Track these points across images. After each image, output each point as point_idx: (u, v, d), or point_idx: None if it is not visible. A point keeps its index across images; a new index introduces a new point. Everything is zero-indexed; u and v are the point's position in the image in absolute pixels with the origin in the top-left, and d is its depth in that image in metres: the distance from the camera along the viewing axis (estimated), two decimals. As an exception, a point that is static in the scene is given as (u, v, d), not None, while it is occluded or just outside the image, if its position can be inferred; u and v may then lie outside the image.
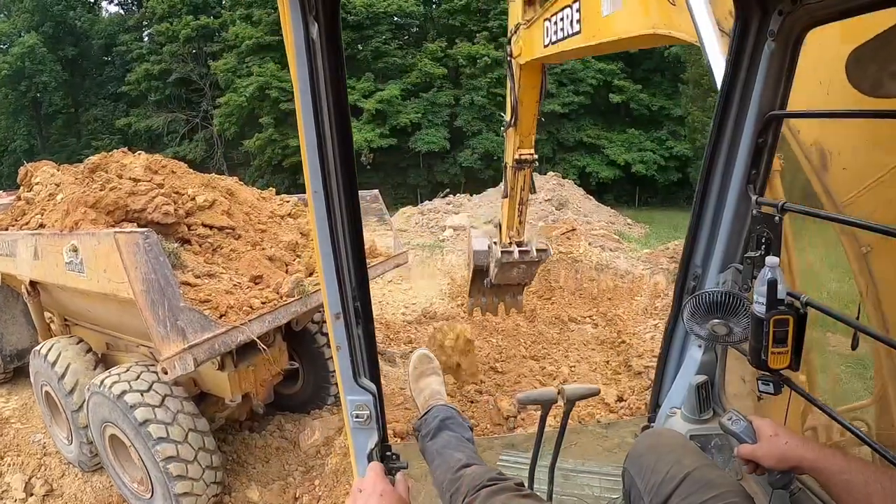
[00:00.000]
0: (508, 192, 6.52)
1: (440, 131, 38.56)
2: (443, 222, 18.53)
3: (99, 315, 5.41)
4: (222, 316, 4.27)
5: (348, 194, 1.96)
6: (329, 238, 1.90)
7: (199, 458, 4.64)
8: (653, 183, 38.87)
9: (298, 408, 6.64)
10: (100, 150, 5.81)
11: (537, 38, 5.03)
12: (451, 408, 2.78)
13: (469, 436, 2.65)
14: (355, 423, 2.11)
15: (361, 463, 2.16)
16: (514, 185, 6.42)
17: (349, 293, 2.00)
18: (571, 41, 4.32)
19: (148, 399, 4.56)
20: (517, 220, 6.65)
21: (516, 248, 6.62)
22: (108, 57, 50.31)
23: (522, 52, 5.42)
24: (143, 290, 3.91)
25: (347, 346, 2.02)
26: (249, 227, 5.81)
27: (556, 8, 4.51)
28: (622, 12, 3.58)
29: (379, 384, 2.14)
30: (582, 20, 4.11)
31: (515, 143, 6.14)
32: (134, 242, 3.92)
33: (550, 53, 4.82)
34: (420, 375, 3.06)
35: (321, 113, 1.78)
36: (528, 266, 6.84)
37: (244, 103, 39.16)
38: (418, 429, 2.73)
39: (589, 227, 17.50)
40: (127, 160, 5.87)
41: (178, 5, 44.84)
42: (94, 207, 4.85)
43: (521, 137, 6.10)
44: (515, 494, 1.99)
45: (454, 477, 2.22)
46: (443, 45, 39.94)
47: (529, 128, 6.08)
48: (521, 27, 5.36)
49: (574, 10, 4.18)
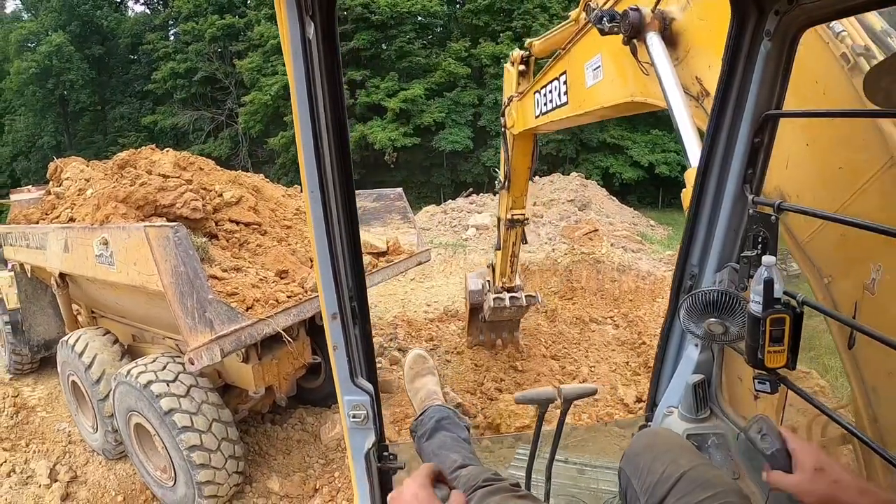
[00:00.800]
0: (501, 245, 7.00)
1: (464, 131, 38.41)
2: (466, 221, 18.51)
3: (126, 307, 5.52)
4: (249, 308, 4.35)
5: (345, 195, 1.96)
6: (326, 238, 1.88)
7: (222, 448, 4.73)
8: (676, 184, 38.31)
9: (320, 402, 6.71)
10: (126, 147, 5.89)
11: (529, 109, 5.33)
12: (447, 408, 2.79)
13: (465, 436, 2.66)
14: (352, 423, 2.10)
15: (359, 463, 2.14)
16: (507, 240, 6.90)
17: (346, 293, 1.99)
18: (560, 111, 4.56)
19: (174, 389, 4.66)
20: (509, 269, 7.22)
21: (507, 295, 7.26)
22: (135, 55, 50.68)
23: (516, 123, 5.78)
24: (173, 282, 4.00)
25: (344, 346, 2.02)
26: (275, 224, 5.90)
27: (545, 80, 4.78)
28: (604, 82, 3.74)
29: (376, 384, 2.14)
30: (569, 91, 4.33)
31: (508, 204, 6.59)
32: (164, 236, 4.01)
33: (541, 123, 5.10)
34: (416, 376, 3.07)
35: (317, 113, 1.78)
36: (518, 308, 7.39)
37: (269, 102, 39.32)
38: (414, 429, 2.73)
39: (611, 227, 17.44)
40: (156, 157, 6.00)
41: (204, 5, 45.02)
42: (125, 202, 4.96)
43: (514, 199, 6.56)
44: (511, 495, 1.99)
45: (450, 477, 2.19)
46: (466, 45, 39.79)
47: (521, 190, 6.53)
48: (515, 99, 5.72)
49: (561, 83, 4.42)
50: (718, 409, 2.33)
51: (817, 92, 2.30)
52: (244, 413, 5.84)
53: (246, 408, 5.78)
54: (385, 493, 2.21)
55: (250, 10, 44.83)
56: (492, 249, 7.65)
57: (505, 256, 7.06)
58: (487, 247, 15.47)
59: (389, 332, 9.34)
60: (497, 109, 24.61)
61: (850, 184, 2.20)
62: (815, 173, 2.35)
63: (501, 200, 6.74)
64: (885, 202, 2.12)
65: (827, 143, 2.32)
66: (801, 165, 2.36)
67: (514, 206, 6.60)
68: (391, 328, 9.55)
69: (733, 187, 2.14)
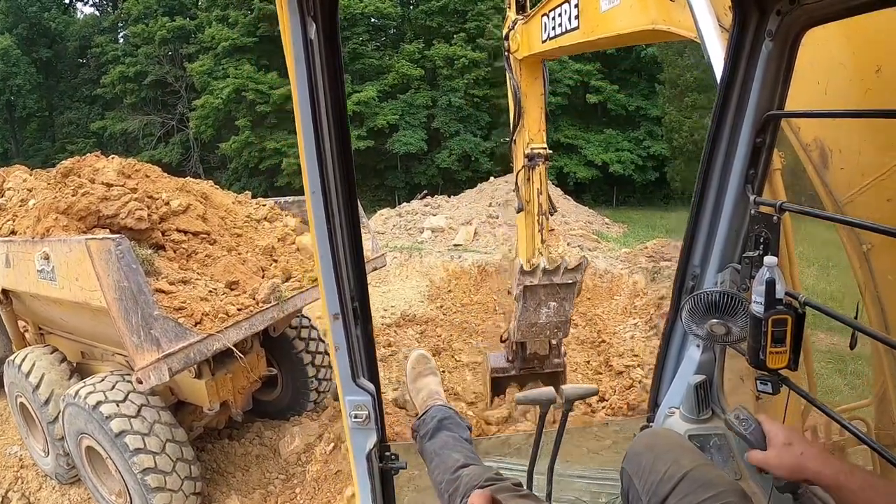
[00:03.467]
0: (524, 204, 5.62)
1: (417, 133, 38.38)
2: (421, 224, 18.53)
3: (73, 324, 5.32)
4: (197, 324, 4.21)
5: (346, 195, 1.98)
6: (328, 239, 1.89)
7: (178, 469, 4.58)
8: (630, 182, 38.96)
9: (278, 414, 6.58)
10: (75, 153, 5.74)
11: (535, 33, 4.96)
12: (449, 408, 2.79)
13: (467, 436, 2.66)
14: (354, 423, 2.11)
15: (360, 464, 2.16)
16: (530, 191, 5.56)
17: (348, 294, 2.01)
18: (570, 36, 4.28)
19: (124, 409, 4.49)
20: (539, 236, 5.59)
21: (542, 263, 5.44)
22: (83, 59, 49.48)
23: (521, 47, 5.28)
24: (116, 297, 3.84)
25: (346, 346, 2.03)
26: (225, 232, 5.73)
27: (554, 3, 4.46)
28: (621, 7, 3.56)
29: (378, 384, 2.15)
30: (580, 15, 4.08)
31: (525, 140, 5.53)
32: (106, 249, 3.85)
33: (548, 49, 4.77)
34: (418, 376, 3.06)
35: (319, 113, 1.78)
36: (567, 293, 5.54)
37: (220, 105, 38.74)
38: (416, 429, 2.73)
39: (567, 227, 17.59)
40: (100, 164, 5.78)
41: (154, 6, 44.24)
42: (66, 213, 4.77)
43: (531, 133, 5.53)
44: (513, 494, 1.99)
45: (452, 477, 2.23)
46: (420, 47, 39.78)
47: (537, 120, 5.54)
48: (519, 23, 5.26)
49: (572, 6, 4.16)
50: (720, 410, 2.36)
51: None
52: (199, 430, 5.68)
53: (201, 425, 5.63)
54: (386, 492, 2.28)
55: (201, 12, 44.19)
56: (448, 253, 7.11)
57: (531, 217, 5.59)
58: (444, 249, 15.45)
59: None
60: (451, 111, 24.45)
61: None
62: (868, 129, 2.31)
63: (518, 143, 5.61)
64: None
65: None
66: (847, 120, 2.32)
67: (532, 141, 5.48)
68: (348, 335, 9.37)
69: (735, 188, 2.16)
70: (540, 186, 5.51)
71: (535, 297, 5.52)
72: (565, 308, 5.62)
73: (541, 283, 5.44)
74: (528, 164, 5.50)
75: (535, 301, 5.53)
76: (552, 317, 5.63)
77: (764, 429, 1.76)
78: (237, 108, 38.35)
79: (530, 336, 5.77)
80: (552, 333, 5.79)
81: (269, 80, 37.83)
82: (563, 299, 5.58)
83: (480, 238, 17.06)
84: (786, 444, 1.69)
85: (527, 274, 5.41)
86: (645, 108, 38.29)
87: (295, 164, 36.79)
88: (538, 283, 5.44)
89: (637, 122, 38.93)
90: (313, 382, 6.39)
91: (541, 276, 5.40)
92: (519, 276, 5.43)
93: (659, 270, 12.12)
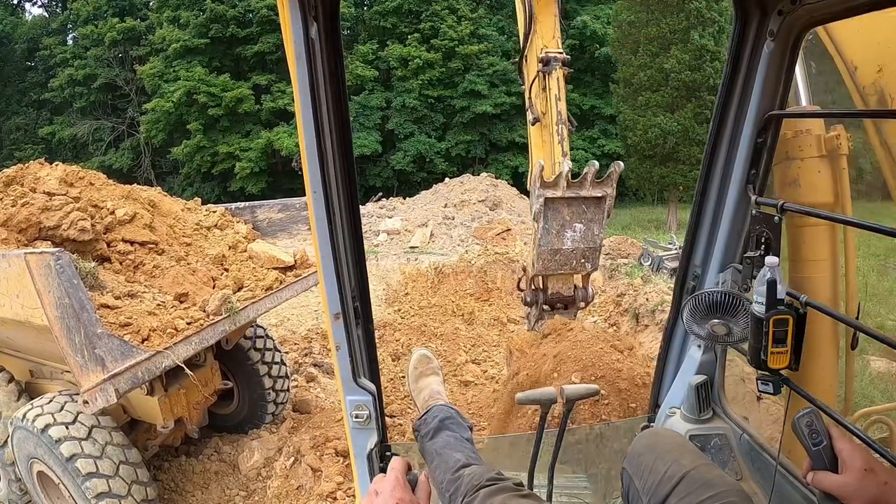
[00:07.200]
0: (539, 115, 5.15)
1: (372, 135, 38.22)
2: (376, 227, 18.56)
3: (18, 342, 5.08)
4: (145, 340, 4.07)
5: (348, 195, 2.01)
6: (328, 238, 1.90)
7: (133, 492, 4.43)
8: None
9: (235, 428, 6.43)
10: (23, 161, 5.50)
11: None
12: (450, 407, 2.77)
13: (468, 435, 2.64)
14: (355, 423, 2.14)
15: (361, 463, 2.18)
16: (546, 101, 5.10)
17: (348, 293, 2.03)
18: None
19: (73, 432, 4.32)
20: (560, 148, 5.06)
21: (566, 169, 4.83)
22: (31, 62, 48.10)
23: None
24: (58, 315, 3.68)
25: (347, 346, 2.05)
26: (173, 241, 5.57)
27: None
28: None
29: (379, 384, 2.18)
30: None
31: (539, 46, 5.10)
32: (45, 264, 3.66)
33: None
34: (420, 375, 3.04)
35: (320, 113, 1.79)
36: (589, 220, 4.96)
37: (172, 109, 38.02)
38: (418, 428, 2.70)
39: (524, 226, 17.62)
40: (43, 172, 5.56)
41: (104, 7, 43.32)
42: (5, 225, 4.59)
43: (545, 41, 5.11)
44: (514, 494, 1.96)
45: (453, 477, 2.20)
46: (374, 48, 39.67)
47: (552, 28, 5.16)
48: None
49: None
50: (721, 410, 2.41)
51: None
52: (155, 449, 5.51)
53: (156, 443, 5.45)
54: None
55: (152, 13, 43.26)
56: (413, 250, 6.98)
57: (548, 130, 5.14)
58: (400, 251, 15.38)
59: (304, 346, 9.04)
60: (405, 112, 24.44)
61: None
62: None
63: (531, 53, 5.23)
64: None
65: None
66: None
67: (546, 46, 5.08)
68: (305, 342, 9.26)
69: (736, 188, 2.19)
70: (558, 93, 5.07)
71: (559, 217, 4.88)
72: (594, 231, 5.01)
73: (564, 195, 4.82)
74: (543, 69, 5.07)
75: (558, 221, 4.89)
76: (578, 242, 4.99)
77: (836, 447, 1.57)
78: (189, 112, 37.73)
79: (553, 268, 5.11)
80: (579, 265, 5.12)
81: (221, 82, 37.31)
82: (590, 220, 4.97)
83: (437, 239, 17.08)
84: (867, 471, 1.49)
85: (548, 186, 4.78)
86: (599, 107, 38.69)
87: (248, 168, 36.38)
88: (561, 197, 4.81)
89: (591, 121, 39.28)
90: (270, 394, 6.27)
91: (564, 188, 4.78)
92: (538, 188, 4.78)
93: (616, 268, 12.21)
